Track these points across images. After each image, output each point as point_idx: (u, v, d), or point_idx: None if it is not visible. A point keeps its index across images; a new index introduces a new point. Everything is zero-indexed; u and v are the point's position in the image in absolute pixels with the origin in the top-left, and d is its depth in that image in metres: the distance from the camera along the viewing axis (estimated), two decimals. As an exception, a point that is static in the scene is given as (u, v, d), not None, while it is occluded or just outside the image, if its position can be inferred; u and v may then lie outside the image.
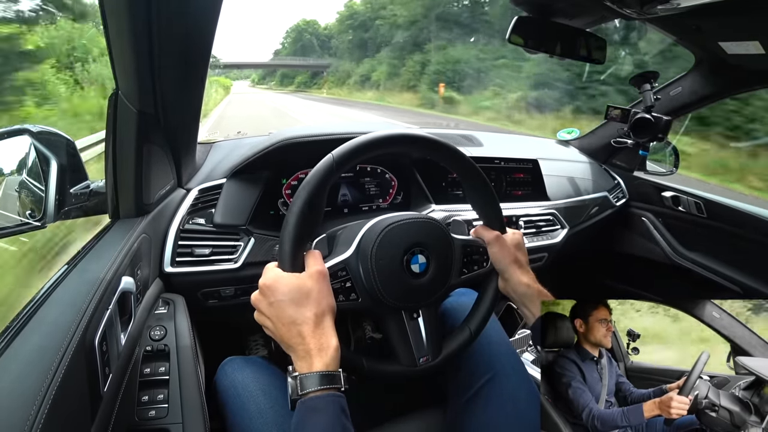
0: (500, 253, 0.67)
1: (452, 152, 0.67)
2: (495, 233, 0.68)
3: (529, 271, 0.68)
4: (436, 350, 0.64)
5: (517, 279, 0.66)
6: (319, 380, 0.49)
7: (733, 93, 1.27)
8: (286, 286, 0.53)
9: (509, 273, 0.66)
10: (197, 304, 0.90)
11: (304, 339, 0.51)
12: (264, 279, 0.55)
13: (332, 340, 0.53)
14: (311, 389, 0.49)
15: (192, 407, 0.67)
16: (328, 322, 0.54)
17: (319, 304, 0.53)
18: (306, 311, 0.52)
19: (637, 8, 0.79)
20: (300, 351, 0.51)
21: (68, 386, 0.45)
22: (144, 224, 0.77)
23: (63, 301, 0.55)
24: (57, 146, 0.72)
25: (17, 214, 0.71)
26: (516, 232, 0.71)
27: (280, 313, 0.53)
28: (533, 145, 1.71)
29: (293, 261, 0.56)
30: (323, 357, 0.51)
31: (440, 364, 0.65)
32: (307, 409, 0.49)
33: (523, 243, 0.70)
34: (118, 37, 0.60)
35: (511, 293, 0.67)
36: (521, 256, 0.68)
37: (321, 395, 0.49)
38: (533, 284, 0.65)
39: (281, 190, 1.05)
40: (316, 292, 0.54)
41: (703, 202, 1.32)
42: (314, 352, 0.51)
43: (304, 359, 0.51)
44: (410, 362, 0.63)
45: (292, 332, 0.52)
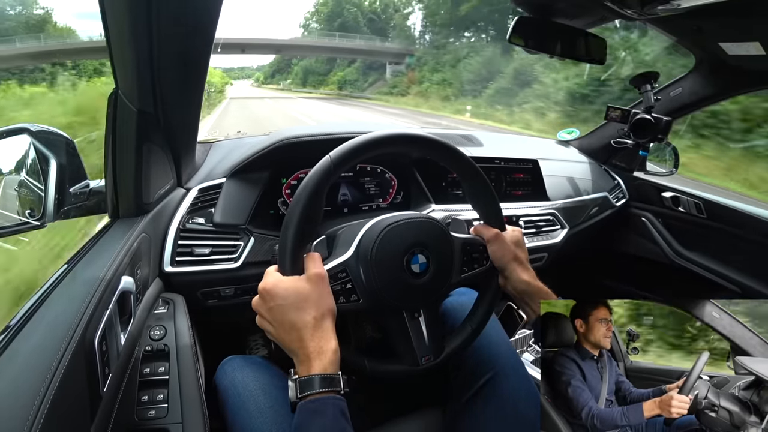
0: (500, 250, 0.67)
1: (451, 152, 0.67)
2: (494, 231, 0.68)
3: (529, 268, 0.68)
4: (437, 349, 0.65)
5: (518, 276, 0.66)
6: (317, 383, 0.50)
7: (733, 94, 1.28)
8: (286, 290, 0.54)
9: (509, 270, 0.67)
10: (197, 304, 0.90)
11: (303, 343, 0.52)
12: (264, 284, 0.55)
13: (331, 343, 0.53)
14: (310, 392, 0.49)
15: (192, 407, 0.67)
16: (327, 325, 0.54)
17: (318, 308, 0.54)
18: (305, 315, 0.53)
19: (637, 9, 0.80)
20: (300, 354, 0.52)
21: (68, 386, 0.45)
22: (144, 224, 0.77)
23: (62, 301, 0.55)
24: (56, 145, 0.72)
25: (17, 213, 0.72)
26: (515, 229, 0.71)
27: (280, 317, 0.53)
28: (533, 146, 1.72)
29: (293, 264, 0.56)
30: (322, 360, 0.51)
31: (442, 363, 0.65)
32: (307, 411, 0.49)
33: (522, 240, 0.70)
34: (118, 36, 0.60)
35: (512, 291, 0.67)
36: (521, 254, 0.68)
37: (320, 398, 0.49)
38: (533, 281, 0.65)
39: (281, 189, 1.05)
40: (315, 296, 0.54)
41: (702, 202, 1.32)
42: (313, 355, 0.51)
43: (304, 363, 0.51)
44: (412, 362, 0.63)
45: (292, 336, 0.53)
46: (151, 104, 0.70)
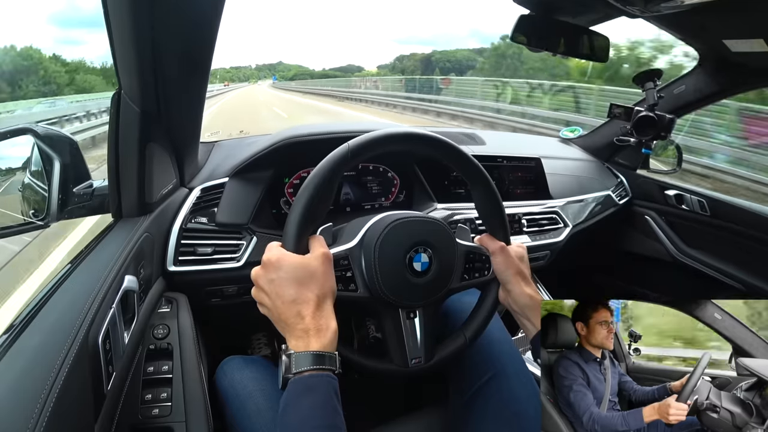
0: (504, 263, 0.66)
1: (466, 159, 0.66)
2: (500, 244, 0.68)
3: (531, 283, 0.67)
4: (429, 353, 0.64)
5: (520, 290, 0.65)
6: (314, 359, 0.49)
7: (736, 91, 1.27)
8: (291, 264, 0.53)
9: (512, 284, 0.66)
10: (200, 303, 0.90)
11: (303, 319, 0.51)
12: (268, 254, 0.54)
13: (331, 323, 0.52)
14: (305, 368, 0.48)
15: (195, 406, 0.67)
16: (328, 305, 0.53)
17: (322, 286, 0.53)
18: (308, 291, 0.52)
19: (641, 5, 0.79)
20: (297, 330, 0.51)
21: (72, 384, 0.46)
22: (147, 223, 0.77)
23: (66, 300, 0.56)
24: (60, 146, 0.73)
25: (21, 213, 0.72)
26: (521, 245, 0.70)
27: (281, 290, 0.52)
28: (536, 144, 1.71)
29: (298, 242, 0.55)
30: (321, 338, 0.50)
31: (431, 368, 0.64)
32: (300, 387, 0.48)
33: (526, 256, 0.69)
34: (121, 37, 0.61)
35: (513, 304, 0.66)
36: (525, 269, 0.67)
37: (315, 374, 0.48)
38: (536, 296, 0.65)
39: (284, 189, 1.05)
40: (320, 274, 0.53)
41: (706, 200, 1.31)
42: (312, 332, 0.50)
43: (301, 338, 0.50)
44: (401, 362, 0.63)
45: (291, 311, 0.51)
46: (154, 105, 0.70)
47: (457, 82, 15.52)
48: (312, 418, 0.46)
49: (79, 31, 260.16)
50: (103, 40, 0.61)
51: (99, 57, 35.65)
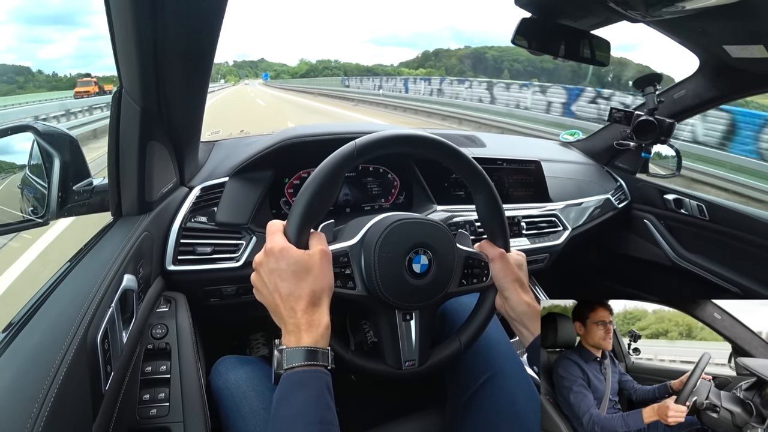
0: (503, 270, 0.66)
1: (471, 165, 0.66)
2: (499, 251, 0.68)
3: (529, 291, 0.67)
4: (423, 357, 0.64)
5: (518, 297, 0.65)
6: (306, 355, 0.49)
7: (736, 96, 1.27)
8: (292, 257, 0.53)
9: (510, 291, 0.66)
10: (199, 303, 0.90)
11: (296, 313, 0.51)
12: (272, 243, 0.54)
13: (324, 318, 0.52)
14: (297, 363, 0.48)
15: (193, 406, 0.67)
16: (323, 302, 0.53)
17: (318, 282, 0.53)
18: (304, 286, 0.52)
19: (642, 10, 0.79)
20: (290, 325, 0.51)
21: (70, 384, 0.45)
22: (146, 222, 0.77)
23: (65, 299, 0.55)
24: (60, 143, 0.73)
25: (20, 210, 0.72)
26: (520, 253, 0.71)
27: (279, 282, 0.52)
28: (536, 147, 1.71)
29: (298, 237, 0.55)
30: (312, 333, 0.50)
31: (424, 372, 0.64)
32: (292, 382, 0.48)
33: (525, 264, 0.70)
34: (122, 35, 0.61)
35: (510, 312, 0.66)
36: (523, 276, 0.68)
37: (307, 370, 0.48)
38: (533, 303, 0.65)
39: (284, 189, 1.05)
40: (317, 270, 0.53)
41: (705, 204, 1.32)
42: (304, 327, 0.50)
43: (293, 333, 0.50)
44: (395, 364, 0.62)
45: (285, 305, 0.52)
46: (155, 103, 0.70)
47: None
48: (305, 413, 0.46)
49: (47, 28, 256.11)
50: (74, 40, 0.61)
51: (67, 56, 33.16)
